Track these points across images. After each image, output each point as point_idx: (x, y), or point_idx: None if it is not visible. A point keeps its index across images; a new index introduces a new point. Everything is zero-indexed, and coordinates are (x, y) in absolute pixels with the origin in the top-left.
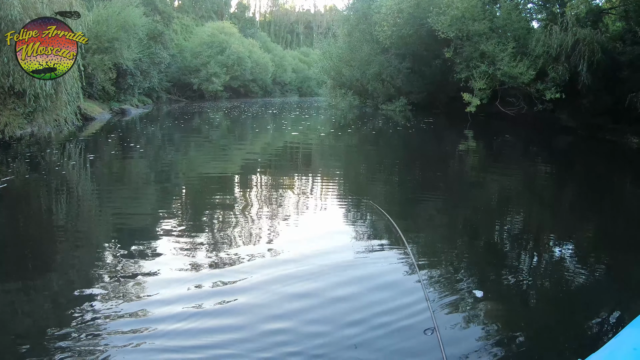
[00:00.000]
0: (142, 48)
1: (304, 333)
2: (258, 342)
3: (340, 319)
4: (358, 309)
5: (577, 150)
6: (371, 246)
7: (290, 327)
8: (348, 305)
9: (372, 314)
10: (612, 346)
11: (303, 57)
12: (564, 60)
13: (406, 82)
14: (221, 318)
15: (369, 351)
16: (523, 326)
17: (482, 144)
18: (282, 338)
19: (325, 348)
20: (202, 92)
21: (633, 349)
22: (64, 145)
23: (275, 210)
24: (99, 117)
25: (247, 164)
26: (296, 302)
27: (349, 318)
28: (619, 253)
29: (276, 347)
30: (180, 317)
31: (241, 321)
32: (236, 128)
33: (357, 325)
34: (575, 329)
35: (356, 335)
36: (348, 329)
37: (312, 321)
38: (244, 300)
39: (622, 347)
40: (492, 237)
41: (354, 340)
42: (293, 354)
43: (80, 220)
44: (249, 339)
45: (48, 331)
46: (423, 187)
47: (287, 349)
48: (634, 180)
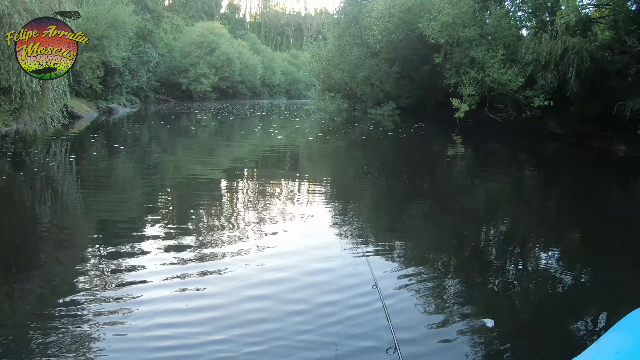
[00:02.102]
0: (131, 46)
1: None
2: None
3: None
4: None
5: (565, 156)
6: (344, 248)
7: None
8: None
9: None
10: (594, 350)
11: (292, 60)
12: (553, 68)
13: (395, 87)
14: (202, 308)
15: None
16: (508, 330)
17: (470, 149)
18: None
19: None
20: (191, 92)
21: (615, 353)
22: (49, 144)
23: (258, 212)
24: (86, 116)
25: (234, 167)
26: (275, 290)
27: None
28: (605, 258)
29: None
30: (163, 307)
31: (220, 313)
32: (224, 130)
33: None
34: (559, 333)
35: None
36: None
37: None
38: (224, 289)
39: (604, 351)
40: (479, 241)
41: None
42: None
43: (64, 218)
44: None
45: (31, 324)
46: (411, 192)
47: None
48: (620, 187)
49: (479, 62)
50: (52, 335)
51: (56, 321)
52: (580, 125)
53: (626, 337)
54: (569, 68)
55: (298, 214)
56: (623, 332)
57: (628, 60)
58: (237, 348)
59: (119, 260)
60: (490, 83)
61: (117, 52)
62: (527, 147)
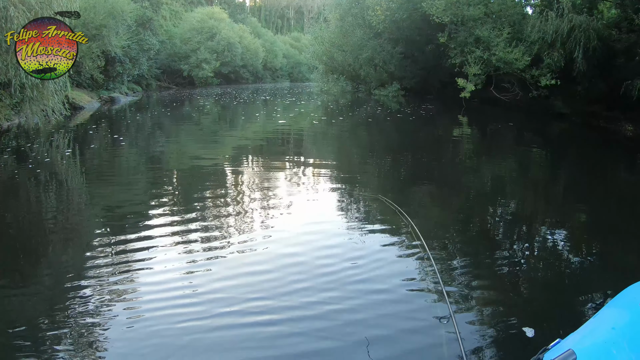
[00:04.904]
0: (130, 35)
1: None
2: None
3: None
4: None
5: (571, 137)
6: (366, 230)
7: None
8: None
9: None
10: (590, 325)
11: (294, 43)
12: (560, 47)
13: (399, 67)
14: (213, 300)
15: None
16: (513, 308)
17: (476, 130)
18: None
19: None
20: (192, 78)
21: (612, 329)
22: (51, 136)
23: (264, 196)
24: (88, 106)
25: (238, 152)
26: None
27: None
28: (611, 238)
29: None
30: (174, 299)
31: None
32: (227, 115)
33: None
34: (564, 311)
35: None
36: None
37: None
38: (233, 271)
39: (601, 326)
40: (484, 221)
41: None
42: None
43: (70, 210)
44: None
45: (41, 320)
46: (422, 174)
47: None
48: (627, 168)
49: (484, 41)
50: (63, 324)
51: (67, 310)
52: (587, 105)
53: (622, 313)
54: (575, 47)
55: (303, 196)
56: (619, 307)
57: (635, 39)
58: (249, 329)
59: (127, 247)
60: (496, 62)
61: (117, 41)
62: (534, 127)
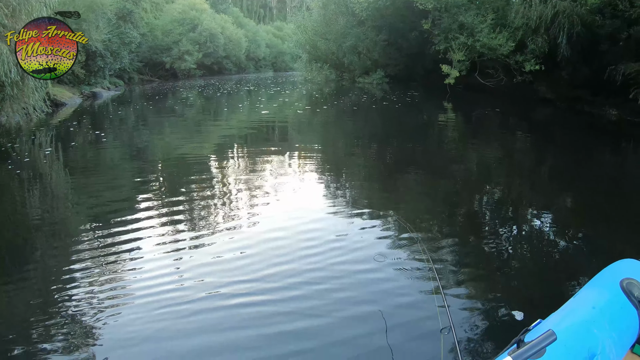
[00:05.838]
0: (111, 28)
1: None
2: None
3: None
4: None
5: (556, 121)
6: (350, 220)
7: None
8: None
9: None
10: (571, 305)
11: (277, 32)
12: (544, 32)
13: (383, 55)
14: (201, 284)
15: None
16: (498, 291)
17: (461, 116)
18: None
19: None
20: (175, 70)
21: (592, 308)
22: (33, 134)
23: (249, 186)
24: (70, 102)
25: (223, 144)
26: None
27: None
28: (597, 221)
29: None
30: (161, 285)
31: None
32: (211, 106)
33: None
34: (553, 294)
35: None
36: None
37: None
38: (220, 262)
39: (581, 306)
40: (471, 207)
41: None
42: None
43: (55, 207)
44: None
45: (29, 311)
46: (408, 160)
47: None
48: (611, 152)
49: (468, 27)
50: (54, 322)
51: (55, 301)
52: (571, 90)
53: (602, 292)
54: (559, 32)
55: (289, 185)
56: (599, 287)
57: (619, 25)
58: (238, 310)
59: (114, 239)
60: (480, 48)
61: (97, 34)
62: (519, 112)
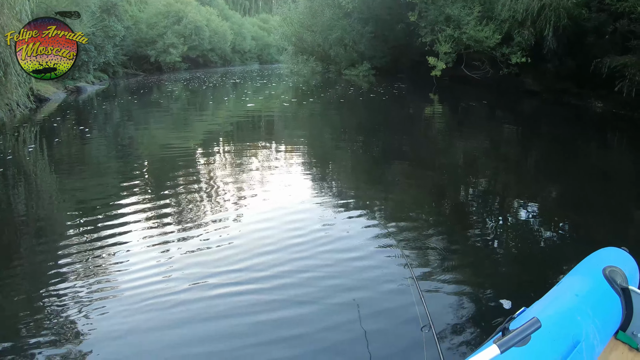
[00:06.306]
0: (95, 22)
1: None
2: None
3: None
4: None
5: (542, 113)
6: (336, 214)
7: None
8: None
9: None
10: (554, 293)
11: (262, 24)
12: (530, 25)
13: (369, 47)
14: (189, 274)
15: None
16: (483, 279)
17: (448, 108)
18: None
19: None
20: (160, 64)
21: (575, 295)
22: (17, 131)
23: (235, 180)
24: (54, 97)
25: (208, 138)
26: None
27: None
28: (581, 212)
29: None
30: (149, 277)
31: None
32: (196, 100)
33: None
34: (540, 282)
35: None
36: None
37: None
38: (208, 255)
39: (565, 293)
40: (457, 198)
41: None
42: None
43: (41, 205)
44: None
45: (19, 313)
46: (395, 152)
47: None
48: (597, 143)
49: (454, 20)
50: (40, 316)
51: (42, 302)
52: (557, 82)
53: (585, 279)
54: (546, 25)
55: (275, 177)
56: (582, 274)
57: (605, 19)
58: (227, 299)
59: (99, 236)
60: (466, 40)
61: (81, 28)
62: (505, 104)
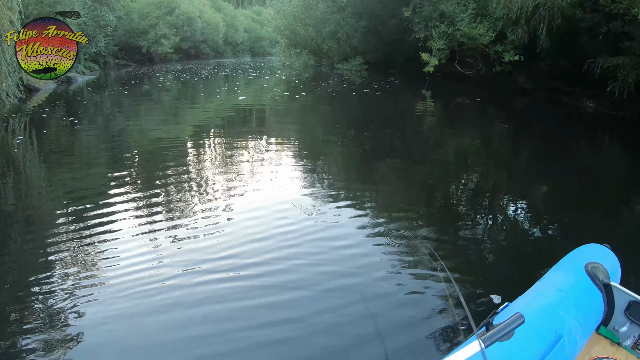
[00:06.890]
0: (86, 11)
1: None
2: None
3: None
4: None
5: (534, 112)
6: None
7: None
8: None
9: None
10: (537, 288)
11: (255, 17)
12: (524, 24)
13: (362, 42)
14: (179, 262)
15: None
16: (469, 273)
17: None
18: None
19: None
20: (151, 55)
21: (558, 290)
22: (6, 121)
23: (228, 171)
24: (44, 88)
25: (200, 130)
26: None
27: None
28: (567, 209)
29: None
30: (139, 264)
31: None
32: (188, 92)
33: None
34: (529, 278)
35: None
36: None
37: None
38: (198, 248)
39: (547, 289)
40: (448, 195)
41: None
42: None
43: (29, 196)
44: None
45: (7, 303)
46: (387, 148)
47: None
48: (587, 142)
49: (448, 16)
50: (28, 306)
51: (31, 291)
52: (549, 81)
53: (568, 275)
54: (539, 24)
55: (266, 169)
56: (565, 270)
57: (599, 19)
58: (218, 285)
59: (88, 225)
60: (460, 37)
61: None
62: (497, 101)
